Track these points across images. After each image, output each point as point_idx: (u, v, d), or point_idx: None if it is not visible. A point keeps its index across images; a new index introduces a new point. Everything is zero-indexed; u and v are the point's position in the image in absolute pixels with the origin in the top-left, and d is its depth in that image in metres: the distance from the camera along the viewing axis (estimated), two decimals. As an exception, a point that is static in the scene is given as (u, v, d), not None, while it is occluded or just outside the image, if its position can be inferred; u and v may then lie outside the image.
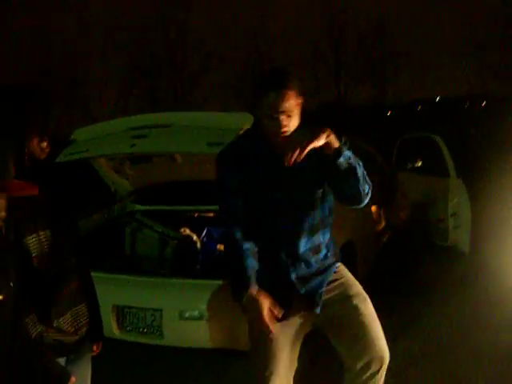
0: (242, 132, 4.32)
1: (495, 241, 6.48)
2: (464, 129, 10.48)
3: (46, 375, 2.53)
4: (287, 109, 3.00)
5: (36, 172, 2.68)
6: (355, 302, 3.33)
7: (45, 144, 2.73)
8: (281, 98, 2.98)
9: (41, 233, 2.70)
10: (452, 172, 7.29)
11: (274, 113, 3.01)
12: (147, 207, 6.02)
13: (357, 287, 3.43)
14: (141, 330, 4.81)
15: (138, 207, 6.05)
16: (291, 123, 3.05)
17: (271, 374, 3.23)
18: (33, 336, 2.52)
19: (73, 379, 2.65)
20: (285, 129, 3.03)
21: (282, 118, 3.01)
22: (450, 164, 7.32)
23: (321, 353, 4.13)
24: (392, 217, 8.08)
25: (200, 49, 36.92)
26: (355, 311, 3.32)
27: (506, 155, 7.62)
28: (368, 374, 3.35)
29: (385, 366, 3.36)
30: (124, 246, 5.78)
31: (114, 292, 4.81)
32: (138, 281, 5.03)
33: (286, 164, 2.86)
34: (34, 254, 2.66)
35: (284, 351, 3.28)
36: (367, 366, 3.33)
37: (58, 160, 4.97)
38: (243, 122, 4.55)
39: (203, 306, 4.57)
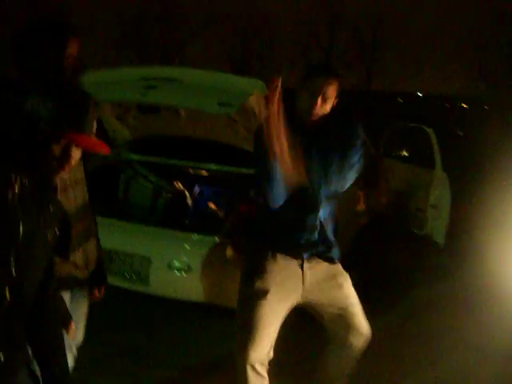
0: (254, 96, 4.49)
1: (471, 236, 6.69)
2: (447, 126, 10.59)
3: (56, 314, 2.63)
4: (327, 93, 3.28)
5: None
6: (340, 280, 3.54)
7: (74, 79, 2.86)
8: (326, 82, 3.29)
9: None
10: (438, 165, 7.43)
11: (317, 93, 3.27)
12: (142, 157, 6.09)
13: (340, 266, 3.61)
14: (126, 275, 4.93)
15: (133, 156, 6.13)
16: (324, 108, 3.31)
17: (259, 335, 3.37)
18: None
19: (72, 325, 2.77)
20: (318, 108, 3.29)
21: (320, 99, 3.27)
22: (438, 157, 7.46)
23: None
24: (373, 200, 8.22)
25: (196, 12, 36.63)
26: (340, 289, 3.54)
27: (487, 156, 7.81)
28: (351, 347, 3.58)
29: (366, 341, 3.59)
30: (117, 191, 5.87)
31: (103, 235, 4.88)
32: (128, 227, 5.16)
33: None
34: (59, 188, 2.77)
35: (275, 316, 3.43)
36: (351, 340, 3.55)
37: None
38: (253, 86, 4.68)
39: (192, 259, 4.71)
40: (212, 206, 5.59)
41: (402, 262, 7.10)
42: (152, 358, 4.66)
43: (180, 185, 5.80)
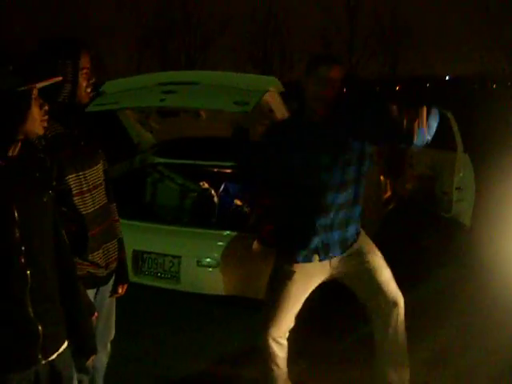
0: (269, 94, 4.64)
1: (496, 215, 6.75)
2: (473, 108, 10.60)
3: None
4: (333, 79, 3.54)
5: (71, 113, 2.99)
6: (365, 252, 3.82)
7: (89, 89, 3.03)
8: (330, 69, 3.54)
9: (80, 173, 2.99)
10: (459, 147, 7.48)
11: (322, 81, 3.53)
12: (168, 160, 6.27)
13: (369, 244, 3.88)
14: (158, 274, 5.12)
15: (159, 160, 6.30)
16: (332, 93, 3.56)
17: (284, 313, 3.73)
18: None
19: (96, 314, 2.96)
20: (327, 92, 3.54)
21: (328, 86, 3.53)
22: (458, 139, 7.50)
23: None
24: (399, 187, 8.30)
25: (215, 12, 36.74)
26: (367, 262, 3.80)
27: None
28: (387, 315, 3.83)
29: (400, 307, 3.84)
30: (145, 195, 6.05)
31: (134, 238, 5.08)
32: (158, 228, 5.32)
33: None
34: (74, 192, 2.95)
35: (299, 296, 3.75)
36: (381, 305, 3.82)
37: (87, 110, 5.17)
38: (269, 84, 4.81)
39: (220, 255, 4.87)
40: (238, 202, 5.75)
41: (429, 243, 7.20)
42: (182, 351, 4.84)
43: (206, 184, 5.97)
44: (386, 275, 3.82)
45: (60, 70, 2.87)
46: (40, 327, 2.23)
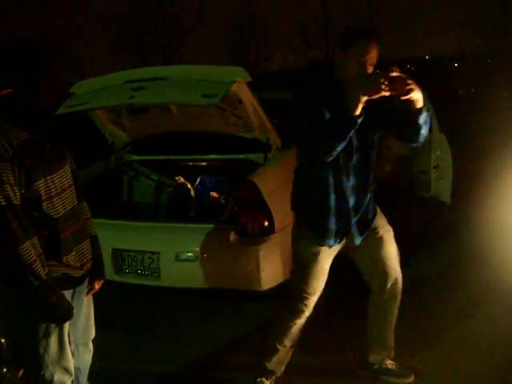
0: (236, 84, 4.64)
1: (475, 193, 6.79)
2: (450, 87, 10.57)
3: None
4: (372, 56, 3.46)
5: (38, 116, 2.98)
6: (381, 232, 3.88)
7: (52, 92, 3.01)
8: (370, 46, 3.45)
9: (48, 177, 2.98)
10: (435, 126, 7.49)
11: (362, 57, 3.44)
12: (143, 157, 6.26)
13: (383, 219, 3.97)
14: (139, 272, 5.13)
15: (135, 157, 6.30)
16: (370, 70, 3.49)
17: (314, 291, 3.79)
18: (44, 275, 2.85)
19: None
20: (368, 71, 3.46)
21: (368, 63, 3.46)
22: (433, 119, 7.51)
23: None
24: (378, 170, 8.29)
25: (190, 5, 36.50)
26: (380, 240, 3.87)
27: (489, 113, 7.85)
28: (388, 293, 3.92)
29: (400, 286, 3.94)
30: (122, 193, 6.05)
31: (113, 237, 5.11)
32: (135, 226, 5.33)
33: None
34: (43, 197, 2.95)
35: (325, 270, 3.82)
36: (385, 285, 3.90)
37: (57, 112, 5.15)
38: (236, 75, 4.81)
39: (198, 248, 4.87)
40: (214, 194, 5.76)
41: (412, 224, 7.22)
42: (166, 344, 4.92)
43: (182, 179, 5.97)
44: (392, 252, 3.90)
45: (21, 77, 2.87)
46: (3, 340, 2.23)
